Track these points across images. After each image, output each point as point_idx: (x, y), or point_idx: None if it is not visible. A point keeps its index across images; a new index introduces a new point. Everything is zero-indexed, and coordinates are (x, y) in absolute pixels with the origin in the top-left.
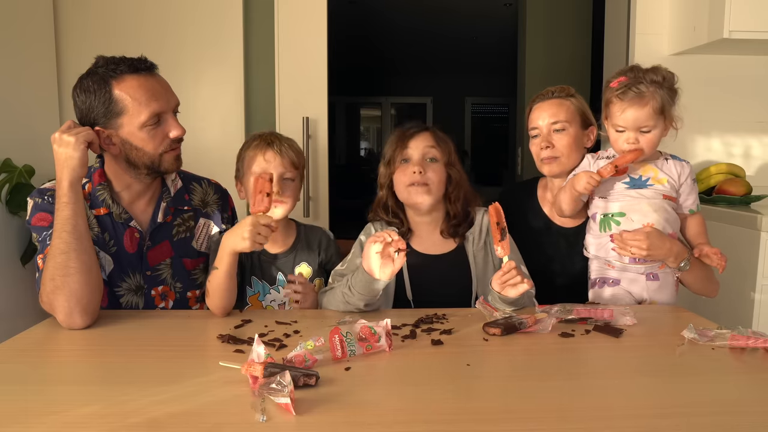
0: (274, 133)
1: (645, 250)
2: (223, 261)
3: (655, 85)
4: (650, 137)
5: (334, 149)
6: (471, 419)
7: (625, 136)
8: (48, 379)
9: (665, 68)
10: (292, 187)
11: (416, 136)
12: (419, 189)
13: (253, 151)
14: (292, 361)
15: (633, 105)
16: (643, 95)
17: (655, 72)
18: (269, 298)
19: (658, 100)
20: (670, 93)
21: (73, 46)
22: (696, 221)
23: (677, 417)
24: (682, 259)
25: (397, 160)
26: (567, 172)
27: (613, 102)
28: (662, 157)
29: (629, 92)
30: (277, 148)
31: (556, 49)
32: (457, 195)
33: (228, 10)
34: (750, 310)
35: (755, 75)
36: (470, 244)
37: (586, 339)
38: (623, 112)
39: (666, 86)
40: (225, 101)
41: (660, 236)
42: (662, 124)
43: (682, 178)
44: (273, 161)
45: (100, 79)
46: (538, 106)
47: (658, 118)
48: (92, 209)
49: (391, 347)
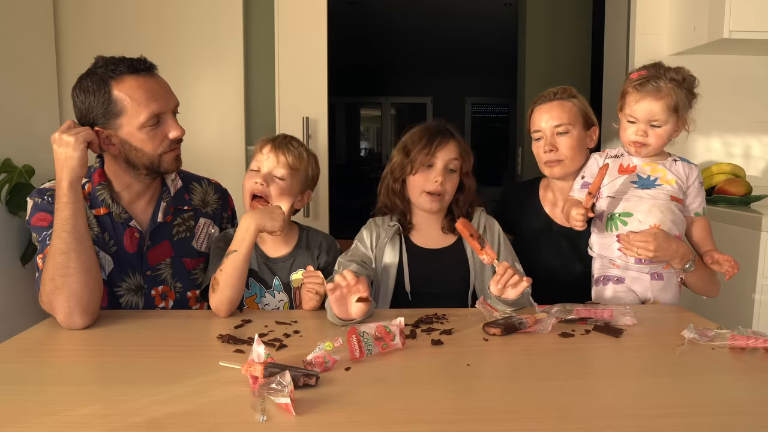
0: (287, 135)
1: (651, 251)
2: (245, 242)
3: (674, 83)
4: (659, 132)
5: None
6: (471, 419)
7: (635, 128)
8: (48, 379)
9: (689, 71)
10: (281, 186)
11: (444, 145)
12: (434, 198)
13: (256, 146)
14: (312, 362)
15: (648, 97)
16: (660, 90)
17: (677, 71)
18: (264, 301)
19: (673, 97)
20: (689, 95)
21: (73, 46)
22: (701, 224)
23: (677, 417)
24: (687, 261)
25: (418, 163)
26: (570, 174)
27: (629, 92)
28: (671, 158)
29: (647, 85)
30: (277, 144)
31: (556, 49)
32: (465, 201)
33: (228, 9)
34: (750, 310)
35: (755, 75)
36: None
37: (586, 339)
38: (637, 102)
39: (685, 87)
40: (224, 101)
41: (666, 237)
42: (674, 123)
43: (690, 180)
44: (268, 156)
45: (100, 80)
46: (540, 108)
47: (670, 115)
48: (92, 209)
49: (405, 345)
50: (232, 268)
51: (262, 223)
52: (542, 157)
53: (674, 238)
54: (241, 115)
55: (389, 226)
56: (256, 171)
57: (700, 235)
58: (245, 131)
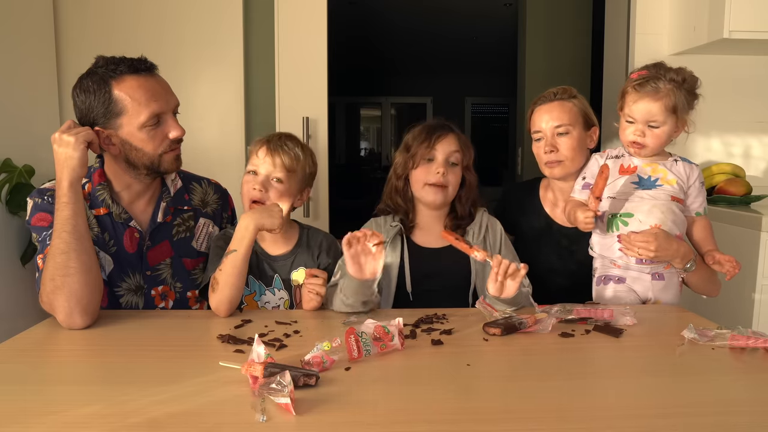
0: (283, 133)
1: (652, 251)
2: (245, 241)
3: (673, 83)
4: (657, 133)
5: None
6: (471, 419)
7: (633, 128)
8: (48, 379)
9: (690, 72)
10: (279, 189)
11: (444, 138)
12: (437, 189)
13: (252, 146)
14: (310, 362)
15: (646, 97)
16: (659, 90)
17: (678, 72)
18: (264, 299)
19: (672, 98)
20: (689, 96)
21: (73, 46)
22: (702, 224)
23: (677, 417)
24: (688, 261)
25: (419, 157)
26: (571, 175)
27: (629, 92)
28: (671, 158)
29: (647, 85)
30: (272, 147)
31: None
32: (468, 197)
33: (228, 9)
34: (750, 310)
35: (755, 75)
36: (470, 238)
37: (586, 339)
38: (636, 102)
39: (686, 88)
40: (224, 101)
41: (667, 238)
42: (672, 123)
43: (691, 180)
44: (264, 160)
45: (100, 80)
46: (541, 108)
47: (668, 115)
48: (92, 209)
49: (404, 345)
50: (232, 267)
51: (260, 221)
52: (542, 157)
53: (675, 238)
54: (241, 115)
55: (391, 226)
56: (253, 174)
57: (701, 234)
58: (245, 131)
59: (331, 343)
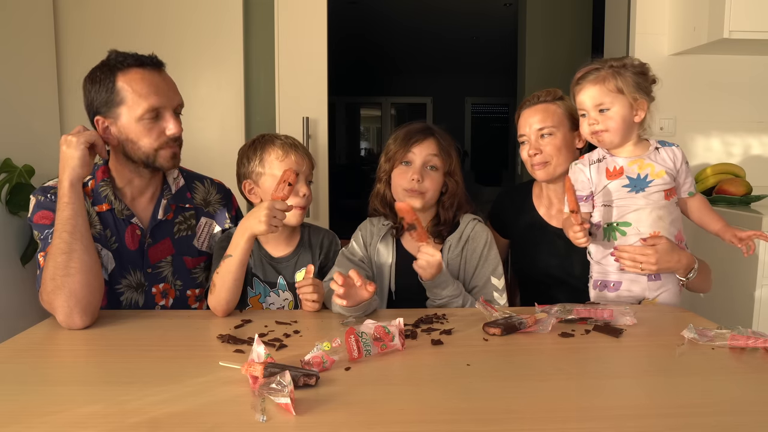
0: (288, 136)
1: (653, 263)
2: (240, 247)
3: (612, 69)
4: (610, 115)
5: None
6: (471, 419)
7: (587, 119)
8: (48, 379)
9: (637, 59)
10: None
11: (421, 141)
12: (414, 194)
13: (277, 152)
14: (310, 363)
15: (588, 84)
16: (599, 75)
17: (619, 60)
18: (269, 300)
19: (613, 80)
20: (637, 77)
21: (73, 46)
22: (698, 203)
23: (677, 417)
24: (690, 269)
25: (398, 160)
26: (558, 177)
27: (575, 89)
28: (652, 147)
29: (588, 75)
30: (302, 152)
31: (556, 49)
32: (451, 203)
33: (228, 9)
34: (750, 310)
35: (755, 75)
36: (447, 249)
37: (586, 339)
38: (580, 93)
39: (631, 71)
40: (224, 101)
41: (668, 249)
42: (624, 104)
43: (678, 164)
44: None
45: (108, 70)
46: (525, 112)
47: (615, 96)
48: (94, 206)
49: (404, 346)
50: (227, 272)
51: (250, 228)
52: (528, 160)
53: (677, 248)
54: (241, 115)
55: (383, 225)
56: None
57: (699, 212)
58: (245, 131)
59: (331, 343)
